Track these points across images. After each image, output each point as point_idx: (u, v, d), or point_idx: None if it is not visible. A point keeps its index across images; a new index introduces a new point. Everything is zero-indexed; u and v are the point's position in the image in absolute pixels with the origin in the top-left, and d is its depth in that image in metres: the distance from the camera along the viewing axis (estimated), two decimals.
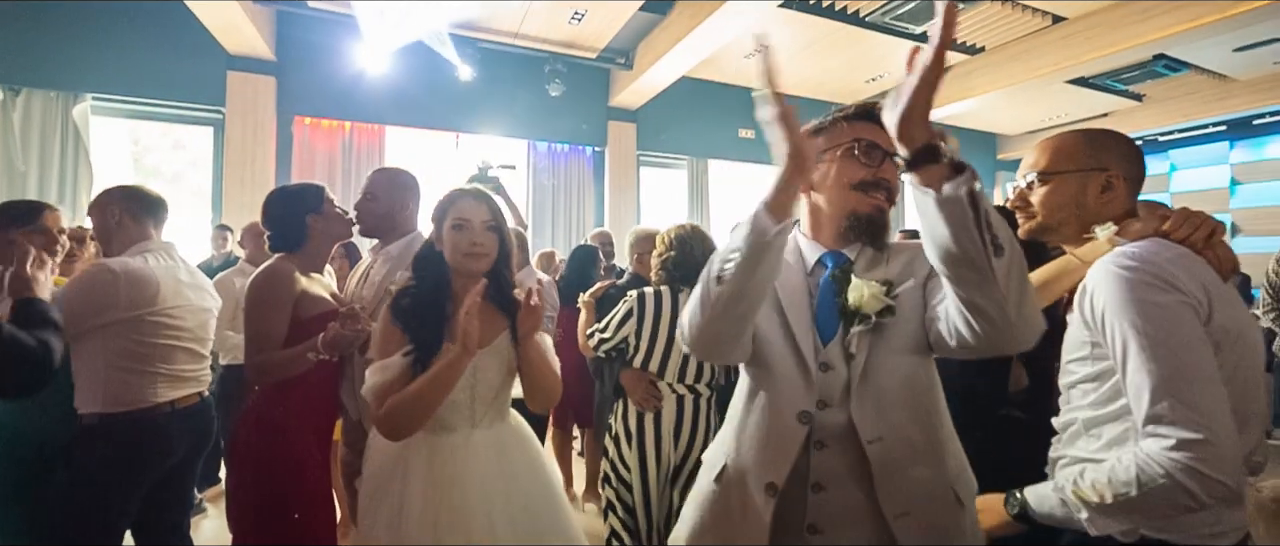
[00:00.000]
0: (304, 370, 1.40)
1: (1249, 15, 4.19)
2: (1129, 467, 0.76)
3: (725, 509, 0.88)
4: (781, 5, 4.50)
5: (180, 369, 1.60)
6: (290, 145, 4.91)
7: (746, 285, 0.76)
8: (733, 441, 0.91)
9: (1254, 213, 7.22)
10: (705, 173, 6.59)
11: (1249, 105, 6.72)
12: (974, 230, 0.65)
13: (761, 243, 0.73)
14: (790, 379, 0.86)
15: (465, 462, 1.14)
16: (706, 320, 0.79)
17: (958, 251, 0.67)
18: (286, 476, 1.42)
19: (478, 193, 1.21)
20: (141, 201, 1.64)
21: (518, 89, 5.57)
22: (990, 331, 0.71)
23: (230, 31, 4.26)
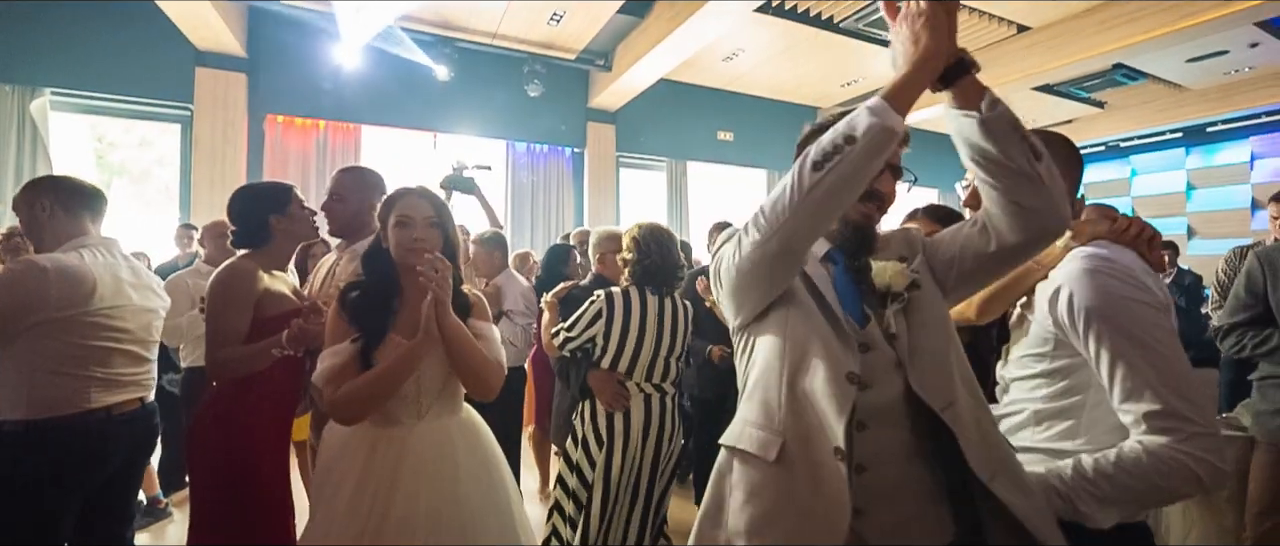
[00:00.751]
0: (265, 366, 1.40)
1: (1197, 29, 4.40)
2: (1140, 460, 0.79)
3: (789, 489, 0.81)
4: (758, 10, 4.58)
5: (118, 372, 1.50)
6: (262, 144, 4.81)
7: (854, 177, 0.73)
8: (784, 416, 0.83)
9: (1208, 216, 7.55)
10: (684, 174, 6.64)
11: (1203, 114, 7.05)
12: (1020, 142, 0.74)
13: (886, 134, 0.71)
14: (831, 343, 0.83)
15: (406, 454, 1.16)
16: (796, 210, 0.75)
17: (1009, 163, 0.74)
18: (241, 473, 1.43)
19: (422, 190, 1.25)
20: (75, 193, 1.52)
21: (496, 89, 5.55)
22: (1039, 221, 0.78)
23: (199, 27, 4.16)
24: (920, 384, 0.81)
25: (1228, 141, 7.53)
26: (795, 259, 0.81)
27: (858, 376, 0.80)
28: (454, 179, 2.78)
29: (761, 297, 0.87)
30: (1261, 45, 5.47)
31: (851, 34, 5.22)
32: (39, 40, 4.10)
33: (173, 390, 2.74)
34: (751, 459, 0.84)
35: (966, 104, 0.75)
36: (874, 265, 0.88)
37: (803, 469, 0.80)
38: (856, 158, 0.71)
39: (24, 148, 4.13)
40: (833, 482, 0.77)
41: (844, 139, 0.72)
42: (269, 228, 1.50)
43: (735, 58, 5.87)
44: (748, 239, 0.81)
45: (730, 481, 0.86)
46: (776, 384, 0.85)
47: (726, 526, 0.84)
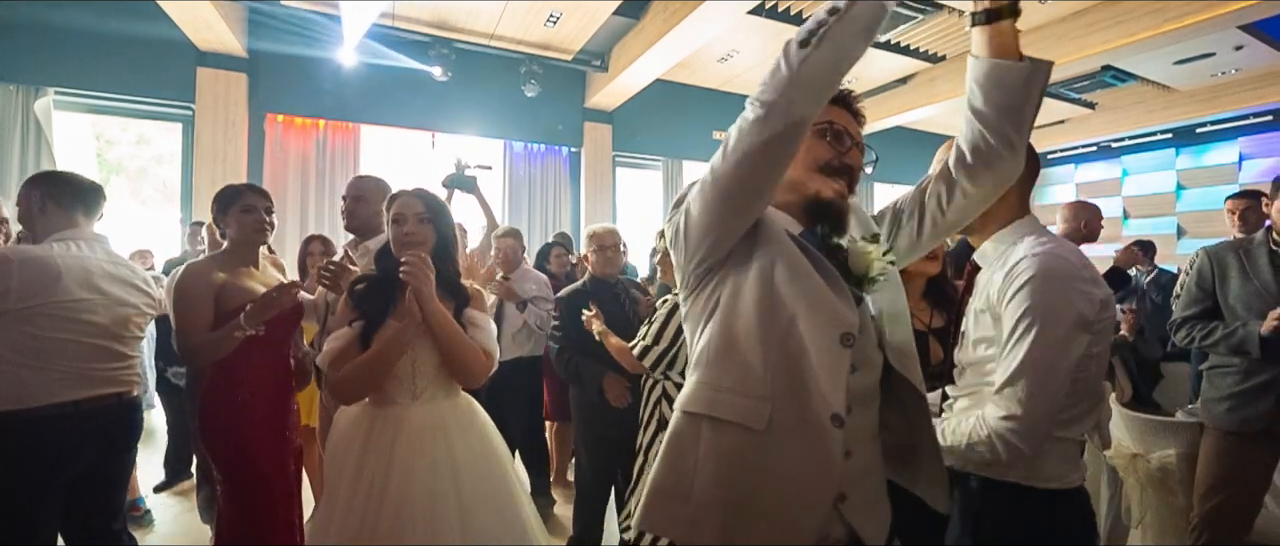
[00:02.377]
0: (232, 347, 1.51)
1: (1183, 32, 4.49)
2: (970, 424, 0.92)
3: (775, 459, 0.74)
4: (751, 12, 4.65)
5: (87, 367, 1.47)
6: (262, 143, 4.88)
7: (843, 51, 0.67)
8: (770, 379, 0.76)
9: (1197, 215, 7.65)
10: (680, 173, 6.72)
11: (1191, 114, 7.14)
12: (1041, 98, 0.78)
13: (876, 9, 0.67)
14: (826, 302, 0.76)
15: (401, 433, 1.24)
16: (787, 88, 0.69)
17: (1029, 114, 0.78)
18: (244, 451, 1.57)
19: (417, 190, 1.35)
20: (68, 188, 1.54)
21: (494, 89, 5.62)
22: (1014, 165, 0.82)
23: (200, 28, 4.23)
24: (901, 364, 0.82)
25: (1216, 142, 7.62)
26: (798, 135, 0.72)
27: (853, 337, 0.75)
28: (456, 178, 2.86)
29: (748, 204, 0.78)
30: (1246, 48, 5.56)
31: None
32: (43, 41, 4.16)
33: (178, 383, 2.82)
34: (730, 427, 0.77)
35: (1006, 51, 0.76)
36: (851, 247, 0.84)
37: (794, 437, 0.74)
38: (845, 27, 0.66)
39: (28, 146, 4.20)
40: (824, 451, 0.73)
41: (827, 12, 0.67)
42: (227, 226, 1.63)
43: (730, 59, 5.95)
44: (735, 132, 0.74)
45: (698, 451, 0.78)
46: (759, 344, 0.77)
47: (694, 500, 0.76)
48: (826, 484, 0.73)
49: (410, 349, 1.26)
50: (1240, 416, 1.54)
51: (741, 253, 0.81)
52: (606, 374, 1.99)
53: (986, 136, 0.80)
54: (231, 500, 1.61)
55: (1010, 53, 0.76)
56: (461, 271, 1.41)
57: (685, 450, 0.80)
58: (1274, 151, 7.17)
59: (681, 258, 0.85)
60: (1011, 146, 0.80)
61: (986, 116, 0.79)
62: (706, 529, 0.75)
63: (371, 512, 1.18)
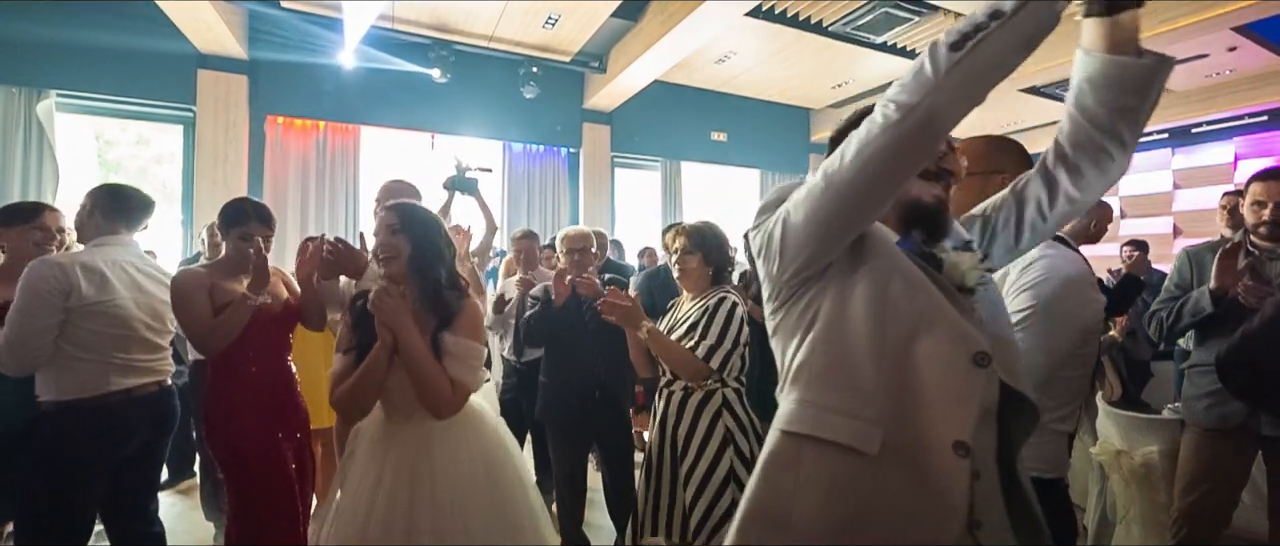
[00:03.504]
0: (245, 319, 1.59)
1: (1175, 34, 4.53)
2: None
3: (890, 487, 0.69)
4: (749, 14, 4.69)
5: (135, 358, 1.68)
6: (263, 144, 4.91)
7: (1001, 60, 0.62)
8: (882, 401, 0.71)
9: (1192, 215, 7.68)
10: (678, 174, 6.76)
11: (1187, 115, 7.18)
12: (1158, 95, 0.71)
13: (1044, 10, 0.60)
14: (950, 321, 0.71)
15: (388, 454, 1.26)
16: (935, 90, 0.63)
17: (1145, 113, 0.72)
18: (245, 447, 1.64)
19: (394, 204, 1.34)
20: (116, 199, 1.75)
21: (493, 90, 5.65)
22: (1124, 156, 0.76)
23: (201, 30, 4.26)
24: (1011, 376, 0.74)
25: (1212, 142, 7.66)
26: (935, 143, 0.69)
27: (988, 356, 0.70)
28: (457, 180, 2.89)
29: (866, 209, 0.72)
30: (1240, 49, 5.60)
31: (840, 37, 5.33)
32: (45, 44, 4.19)
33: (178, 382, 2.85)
34: (838, 450, 0.72)
35: (1127, 47, 0.68)
36: (948, 257, 0.79)
37: (911, 463, 0.69)
38: (1004, 36, 0.60)
39: (30, 148, 4.23)
40: (946, 479, 0.68)
41: (988, 15, 0.60)
42: (224, 240, 1.72)
43: (728, 60, 5.98)
44: (867, 131, 0.68)
45: (798, 474, 0.73)
46: (871, 362, 0.72)
47: (794, 527, 0.72)
48: (952, 513, 0.67)
49: (397, 374, 1.26)
50: (1218, 413, 1.57)
51: (844, 264, 0.76)
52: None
53: (1096, 138, 0.74)
54: (236, 497, 1.67)
55: (1130, 48, 0.68)
56: (462, 275, 1.40)
57: (784, 473, 0.75)
58: (1270, 151, 7.20)
59: (773, 267, 0.80)
60: (1124, 146, 0.74)
61: (1098, 116, 0.72)
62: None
63: (356, 532, 1.21)
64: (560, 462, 2.22)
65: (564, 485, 2.23)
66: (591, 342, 2.07)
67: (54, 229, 1.77)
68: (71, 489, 1.57)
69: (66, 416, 1.56)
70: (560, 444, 2.21)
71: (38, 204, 1.82)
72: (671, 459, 1.67)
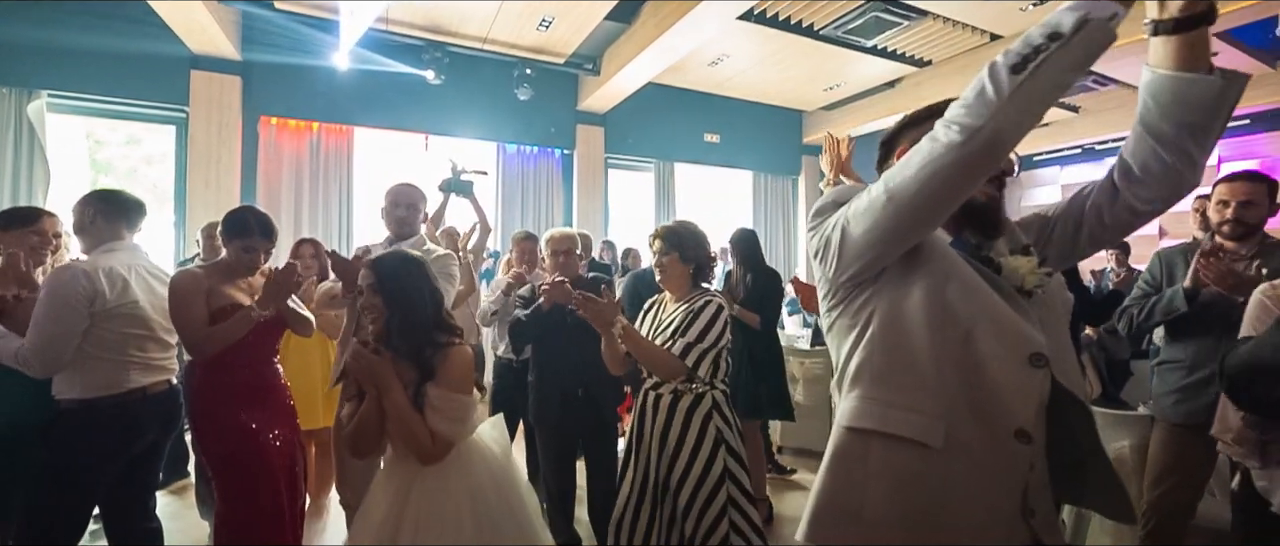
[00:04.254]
0: (244, 331, 1.64)
1: None
2: None
3: (957, 478, 0.73)
4: (741, 18, 4.74)
5: (150, 357, 1.73)
6: (256, 145, 4.92)
7: (1062, 79, 0.64)
8: (944, 396, 0.75)
9: (1177, 216, 7.73)
10: (671, 175, 6.80)
11: None
12: (1229, 113, 0.70)
13: (1104, 29, 0.62)
14: (1009, 321, 0.75)
15: (377, 489, 1.35)
16: (999, 111, 0.65)
17: (1215, 130, 0.70)
18: (226, 455, 1.69)
19: (367, 264, 1.38)
20: (114, 204, 1.78)
21: (487, 92, 5.68)
22: (1192, 173, 0.74)
23: (194, 31, 4.26)
24: (1064, 376, 0.77)
25: None
26: (1001, 156, 0.70)
27: (1044, 357, 0.73)
28: (453, 183, 2.93)
29: (925, 222, 0.75)
30: (1221, 54, 5.71)
31: (831, 41, 5.39)
32: (36, 44, 4.18)
33: None
34: (903, 443, 0.76)
35: (1197, 63, 0.68)
36: (1006, 261, 0.81)
37: (976, 454, 0.73)
38: (1064, 59, 0.62)
39: (21, 149, 4.22)
40: (1014, 470, 0.72)
41: (1046, 37, 0.63)
42: (228, 249, 1.76)
43: (720, 63, 6.04)
44: (931, 148, 0.70)
45: (867, 468, 0.78)
46: (931, 361, 0.76)
47: (866, 518, 0.76)
48: (1014, 499, 0.72)
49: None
50: (1186, 409, 1.63)
51: (900, 267, 0.79)
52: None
53: (1162, 154, 0.72)
54: (223, 497, 1.71)
55: (1199, 65, 0.68)
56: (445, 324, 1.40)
57: (851, 468, 0.80)
58: (1253, 153, 7.34)
59: (830, 271, 0.83)
60: (1192, 163, 0.72)
61: (1165, 134, 0.71)
62: (884, 542, 0.76)
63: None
64: (547, 460, 2.27)
65: (552, 482, 2.27)
66: (574, 343, 2.10)
67: (51, 234, 1.79)
68: (84, 486, 1.61)
69: (88, 414, 1.60)
70: (547, 442, 2.26)
71: (35, 209, 1.84)
72: (658, 462, 1.65)
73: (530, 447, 2.82)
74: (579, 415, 2.16)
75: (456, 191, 2.94)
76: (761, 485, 2.79)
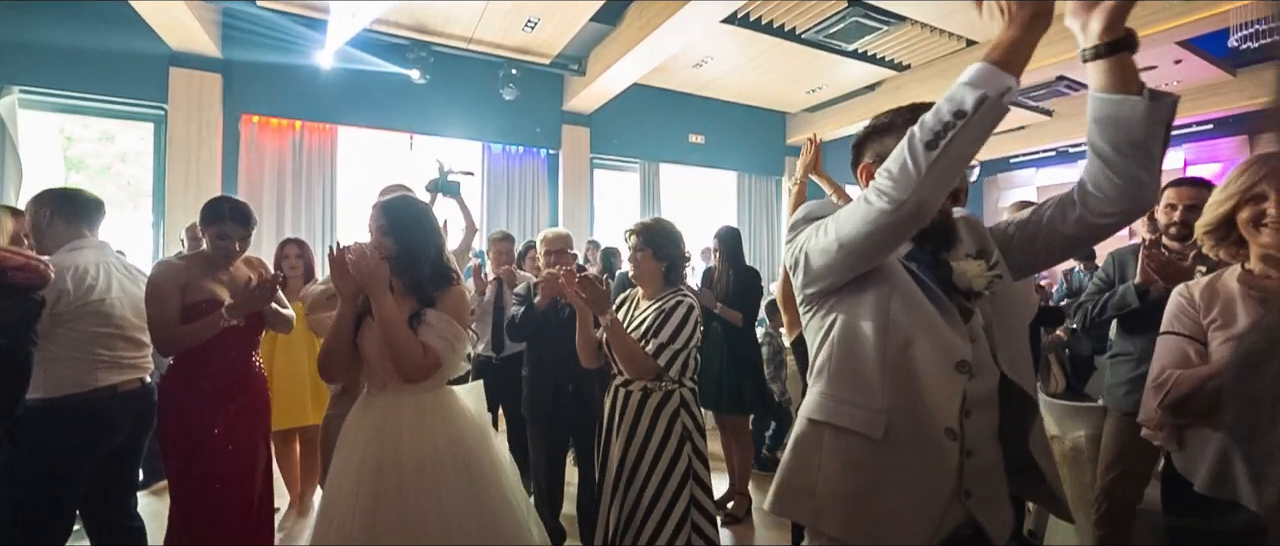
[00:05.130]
0: (212, 334, 1.63)
1: None
2: None
3: (894, 465, 0.83)
4: (725, 21, 4.82)
5: (120, 355, 1.72)
6: (237, 144, 4.86)
7: (968, 152, 0.73)
8: (887, 397, 0.85)
9: None
10: (657, 176, 6.86)
11: None
12: (1167, 131, 0.73)
13: (996, 112, 0.70)
14: (940, 328, 0.84)
15: (362, 424, 1.35)
16: (920, 185, 0.74)
17: (1150, 148, 0.73)
18: (187, 459, 1.67)
19: (377, 205, 1.44)
20: (73, 204, 1.75)
21: (472, 92, 5.68)
22: (1143, 195, 0.78)
23: (173, 27, 4.21)
24: (1014, 372, 0.86)
25: None
26: (924, 220, 0.79)
27: (969, 364, 0.83)
28: (440, 183, 2.94)
29: (868, 263, 0.86)
30: (1184, 62, 5.94)
31: (813, 44, 5.50)
32: (8, 38, 4.09)
33: None
34: (850, 434, 0.87)
35: (1125, 86, 0.73)
36: (954, 266, 0.88)
37: (912, 447, 0.83)
38: (969, 134, 0.71)
39: None
40: (945, 461, 0.82)
41: (953, 115, 0.71)
42: (204, 237, 1.74)
43: (705, 64, 6.11)
44: (866, 210, 0.80)
45: (820, 455, 0.89)
46: (876, 363, 0.86)
47: (819, 494, 0.88)
48: (945, 484, 0.81)
49: (373, 339, 1.34)
50: (1135, 398, 1.71)
51: (856, 282, 0.89)
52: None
53: (1110, 175, 0.78)
54: (180, 503, 1.69)
55: (1128, 88, 0.73)
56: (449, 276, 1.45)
57: (808, 452, 0.92)
58: (1216, 157, 7.64)
59: (800, 282, 0.95)
60: (1139, 182, 0.77)
61: (1107, 154, 0.76)
62: (831, 518, 0.87)
63: (338, 502, 1.29)
64: (537, 452, 2.32)
65: (541, 474, 2.32)
66: (566, 340, 2.15)
67: (21, 235, 1.76)
68: (57, 485, 1.60)
69: (54, 413, 1.59)
70: (538, 436, 2.31)
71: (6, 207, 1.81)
72: (623, 456, 1.68)
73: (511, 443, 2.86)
74: (569, 410, 2.23)
75: (443, 192, 2.97)
76: (745, 478, 2.85)
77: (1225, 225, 1.05)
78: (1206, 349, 1.02)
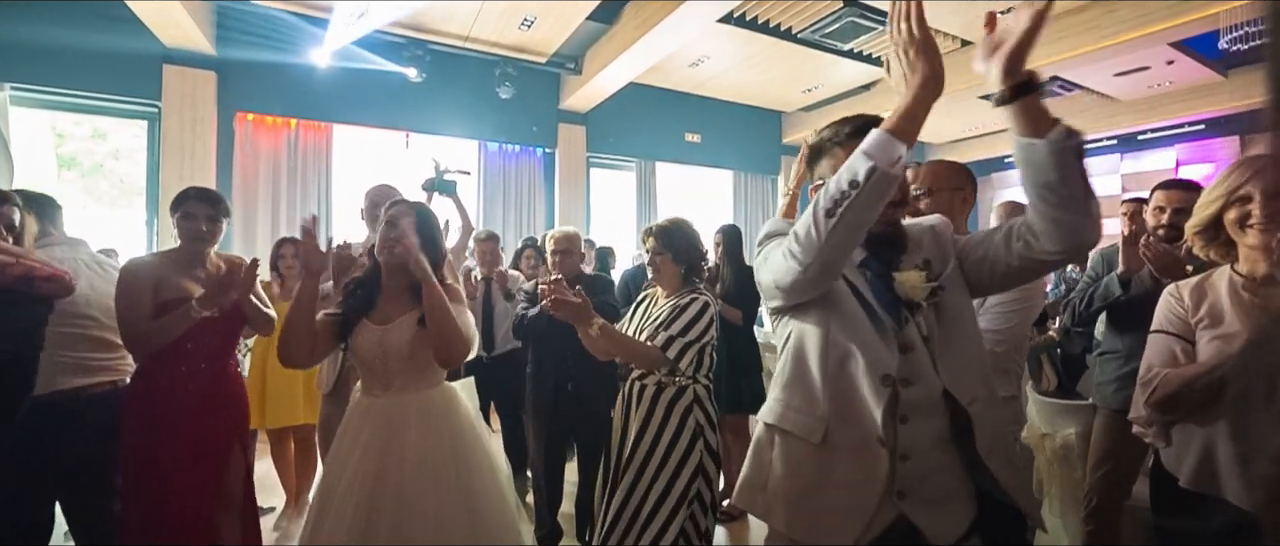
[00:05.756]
0: (183, 330, 1.55)
1: (1117, 48, 4.85)
2: None
3: (831, 468, 0.89)
4: (722, 20, 4.82)
5: (85, 357, 1.62)
6: (232, 141, 4.84)
7: (864, 218, 0.78)
8: (827, 405, 0.91)
9: None
10: (653, 175, 6.87)
11: (1133, 123, 7.63)
12: (1080, 171, 0.75)
13: (885, 181, 0.74)
14: (872, 344, 0.89)
15: (366, 425, 1.34)
16: (821, 250, 0.81)
17: (1064, 189, 0.75)
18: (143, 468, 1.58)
19: (405, 202, 1.49)
20: (37, 204, 1.70)
21: (468, 90, 5.67)
22: (1079, 237, 0.80)
23: (167, 24, 4.18)
24: (953, 383, 0.88)
25: (1156, 149, 8.15)
26: (832, 277, 0.88)
27: (893, 378, 0.87)
28: (436, 182, 2.94)
29: (802, 299, 0.94)
30: (1177, 63, 5.98)
31: (810, 44, 5.51)
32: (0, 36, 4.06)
33: None
34: (794, 438, 0.94)
35: (1033, 129, 0.75)
36: (898, 276, 0.91)
37: (846, 452, 0.89)
38: (861, 203, 0.76)
39: None
40: (876, 465, 0.87)
41: (849, 184, 0.77)
42: (174, 229, 1.67)
43: (701, 64, 6.12)
44: (786, 264, 0.87)
45: (772, 455, 0.97)
46: (819, 375, 0.93)
47: (768, 491, 0.96)
48: (875, 486, 0.87)
49: (380, 342, 1.36)
50: (1124, 395, 1.73)
51: (804, 304, 0.97)
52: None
53: (1039, 217, 0.81)
54: (134, 512, 1.58)
55: (1039, 130, 0.75)
56: (447, 276, 1.51)
57: (763, 452, 1.00)
58: (1208, 157, 7.70)
59: (763, 296, 1.03)
60: (1069, 225, 0.78)
61: (1032, 197, 0.80)
62: (778, 514, 0.95)
63: (332, 500, 1.28)
64: (537, 449, 2.35)
65: (540, 471, 2.34)
66: (568, 340, 2.15)
67: None
68: (19, 488, 1.52)
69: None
70: (539, 434, 2.34)
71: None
72: (635, 450, 1.67)
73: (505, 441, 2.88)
74: (569, 409, 2.26)
75: (440, 191, 2.96)
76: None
77: (1214, 226, 1.07)
78: (1194, 348, 1.04)
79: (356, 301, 1.40)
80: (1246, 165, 1.01)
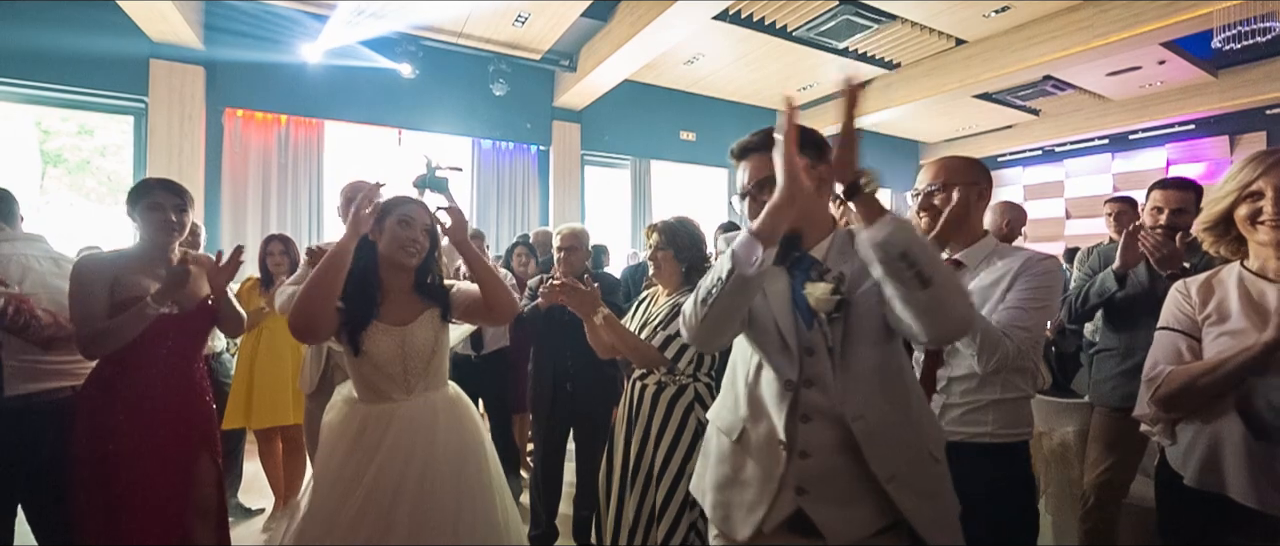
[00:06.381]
0: (141, 328, 1.45)
1: (1109, 47, 4.87)
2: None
3: (744, 463, 1.00)
4: (716, 18, 4.81)
5: (37, 361, 1.51)
6: (221, 138, 4.77)
7: (731, 308, 0.89)
8: (746, 407, 1.01)
9: None
10: (648, 172, 6.84)
11: (1124, 122, 7.67)
12: (906, 271, 0.79)
13: (741, 283, 0.84)
14: (775, 354, 0.97)
15: (389, 428, 1.30)
16: (698, 330, 0.95)
17: (892, 281, 0.82)
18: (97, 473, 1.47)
19: (419, 204, 1.47)
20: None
21: (462, 87, 5.62)
22: (935, 331, 0.85)
23: (154, 19, 4.11)
24: (841, 395, 0.93)
25: (1147, 147, 8.20)
26: (715, 348, 1.03)
27: (795, 383, 0.95)
28: (428, 179, 2.89)
29: (715, 350, 1.04)
30: (1168, 63, 6.02)
31: (804, 42, 5.51)
32: None
33: None
34: (721, 434, 1.07)
35: (866, 222, 0.83)
36: (808, 287, 0.94)
37: (755, 449, 0.99)
38: (727, 297, 0.88)
39: None
40: (775, 464, 0.96)
41: (719, 278, 0.87)
42: (135, 224, 1.57)
43: (696, 62, 6.10)
44: (682, 325, 1.00)
45: (709, 448, 1.10)
46: (742, 380, 1.04)
47: (705, 480, 1.09)
48: (774, 482, 0.95)
49: (401, 344, 1.33)
50: (1121, 393, 1.74)
51: None
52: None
53: (897, 307, 0.85)
54: (85, 520, 1.47)
55: (868, 223, 0.83)
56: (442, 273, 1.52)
57: (707, 446, 1.13)
58: (1198, 156, 7.76)
59: None
60: (927, 319, 0.82)
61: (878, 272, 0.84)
62: (707, 501, 1.07)
63: (359, 506, 1.23)
64: (537, 447, 2.35)
65: (539, 469, 2.32)
66: (568, 339, 2.14)
67: None
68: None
69: None
70: (538, 432, 2.34)
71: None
72: (640, 451, 1.67)
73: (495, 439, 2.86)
74: (567, 407, 2.26)
75: (432, 188, 2.92)
76: None
77: (1224, 222, 1.05)
78: (1200, 345, 1.02)
79: (357, 302, 1.34)
80: (1258, 160, 0.99)
